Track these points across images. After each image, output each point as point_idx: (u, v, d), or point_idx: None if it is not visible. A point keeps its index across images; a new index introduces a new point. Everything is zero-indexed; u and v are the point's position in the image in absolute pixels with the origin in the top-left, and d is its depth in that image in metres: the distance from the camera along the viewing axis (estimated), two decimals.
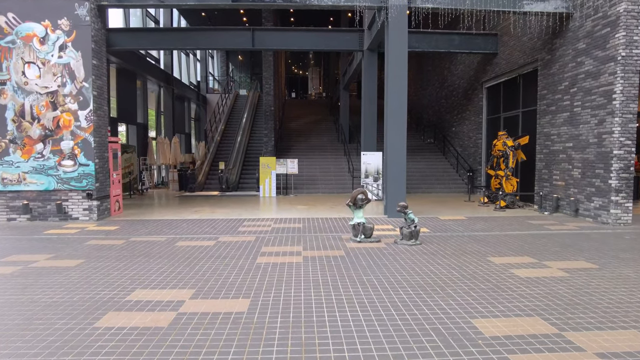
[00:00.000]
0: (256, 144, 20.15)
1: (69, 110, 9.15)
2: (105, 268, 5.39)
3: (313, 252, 6.25)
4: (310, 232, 7.89)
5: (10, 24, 9.09)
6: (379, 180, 13.06)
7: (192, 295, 4.30)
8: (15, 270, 5.33)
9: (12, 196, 9.24)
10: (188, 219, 9.47)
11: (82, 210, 9.27)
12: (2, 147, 9.15)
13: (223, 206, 11.86)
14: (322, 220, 9.20)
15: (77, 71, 9.13)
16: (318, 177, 16.61)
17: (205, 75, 29.91)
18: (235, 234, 7.75)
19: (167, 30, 13.90)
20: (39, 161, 9.18)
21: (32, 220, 9.27)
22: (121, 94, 16.29)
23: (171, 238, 7.37)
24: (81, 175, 9.19)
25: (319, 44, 13.18)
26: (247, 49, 13.02)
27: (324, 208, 11.33)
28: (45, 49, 9.12)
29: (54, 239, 7.32)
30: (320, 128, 22.92)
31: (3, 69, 9.12)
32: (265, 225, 8.67)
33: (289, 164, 14.85)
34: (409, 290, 4.44)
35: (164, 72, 20.40)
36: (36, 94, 9.14)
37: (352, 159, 16.83)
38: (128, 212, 10.78)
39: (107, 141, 9.99)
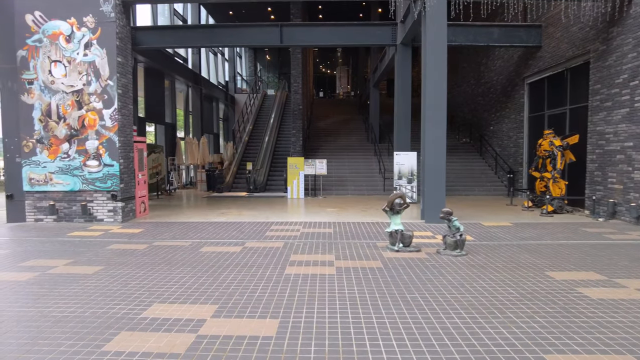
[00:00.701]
0: (284, 144, 19.76)
1: (94, 109, 8.94)
2: (123, 277, 5.00)
3: (347, 262, 5.68)
4: (342, 238, 7.33)
5: (37, 22, 8.96)
6: (413, 182, 12.36)
7: (214, 313, 3.83)
8: (32, 277, 5.02)
9: (40, 196, 9.11)
10: (214, 222, 9.09)
11: (107, 211, 9.04)
12: (29, 147, 9.04)
13: (250, 208, 11.46)
14: (354, 225, 8.62)
15: (102, 69, 8.91)
16: (347, 178, 16.03)
17: (234, 75, 29.82)
18: (262, 239, 7.28)
19: (193, 27, 13.65)
20: (65, 161, 9.01)
21: (59, 221, 9.11)
22: (149, 93, 16.21)
23: (196, 243, 6.97)
24: (106, 175, 8.96)
25: (349, 39, 12.59)
26: (275, 46, 12.61)
27: (354, 211, 10.74)
28: (71, 47, 8.94)
29: (76, 242, 7.06)
30: (349, 127, 22.31)
31: (30, 68, 9.00)
32: (293, 229, 8.17)
33: (317, 165, 14.34)
34: (462, 313, 3.82)
35: (192, 72, 20.30)
36: (62, 92, 8.97)
37: (383, 159, 16.16)
38: (154, 213, 10.53)
39: (133, 141, 9.75)
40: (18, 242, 7.19)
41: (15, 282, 4.82)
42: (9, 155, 9.19)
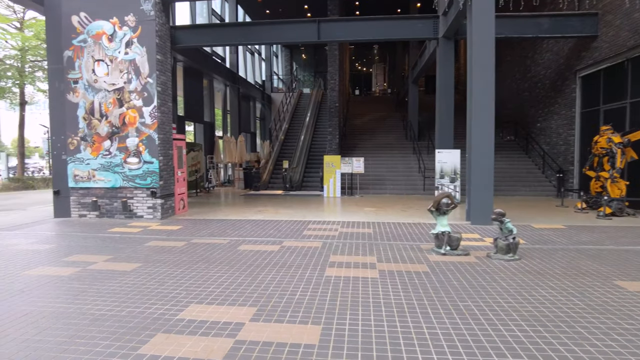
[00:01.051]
0: (319, 142, 19.56)
1: (134, 107, 9.05)
2: (161, 275, 4.92)
3: (390, 264, 5.37)
4: (382, 239, 7.00)
5: (82, 23, 9.17)
6: (456, 181, 11.81)
7: (253, 316, 3.63)
8: (73, 272, 5.03)
9: (83, 193, 9.33)
10: (252, 220, 8.99)
11: (147, 208, 9.13)
12: (74, 144, 9.27)
13: (287, 206, 11.32)
14: (395, 226, 8.26)
15: (142, 67, 8.99)
16: (385, 177, 15.61)
17: (270, 74, 29.96)
18: (300, 238, 7.07)
19: (230, 25, 13.68)
20: (107, 158, 9.17)
21: (101, 217, 9.30)
22: (188, 92, 16.44)
23: (234, 241, 6.85)
24: (145, 172, 9.05)
25: (388, 34, 12.18)
26: (312, 42, 12.37)
27: (394, 211, 10.36)
28: (113, 46, 9.08)
29: (116, 238, 7.11)
30: (386, 125, 21.83)
31: (76, 68, 9.22)
32: (331, 229, 7.92)
33: (354, 163, 14.03)
34: (523, 325, 3.43)
35: (230, 71, 20.47)
36: (104, 91, 9.14)
37: (423, 157, 15.63)
38: (193, 210, 10.58)
39: (172, 138, 9.81)
40: (63, 237, 7.34)
41: (58, 277, 4.83)
42: (55, 152, 9.47)
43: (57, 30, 9.35)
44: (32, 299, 4.12)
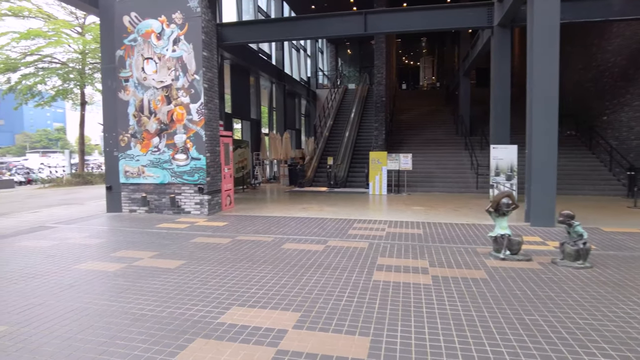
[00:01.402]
0: (365, 138, 19.16)
1: (182, 104, 9.14)
2: (204, 273, 4.82)
3: (443, 269, 4.96)
4: (434, 241, 6.57)
5: (133, 22, 9.38)
6: (513, 178, 11.04)
7: (296, 323, 3.40)
8: (119, 268, 5.06)
9: (133, 188, 9.58)
10: (296, 217, 8.83)
11: (194, 204, 9.21)
12: (125, 141, 9.52)
13: (331, 204, 11.07)
14: (447, 227, 7.78)
15: (189, 64, 9.06)
16: (434, 173, 14.97)
17: (315, 70, 29.82)
18: (345, 237, 6.79)
19: (275, 21, 13.59)
20: (156, 155, 9.34)
21: (150, 213, 9.50)
22: (235, 90, 16.60)
23: (278, 239, 6.70)
24: (193, 169, 9.13)
25: (438, 23, 11.56)
26: (358, 35, 12.01)
27: (445, 210, 9.83)
28: (161, 44, 9.22)
29: (163, 234, 7.18)
30: (435, 120, 21.00)
31: (126, 67, 9.45)
32: (378, 228, 7.57)
33: (401, 159, 13.53)
34: (607, 349, 2.95)
35: (276, 68, 20.50)
36: (153, 88, 9.30)
37: (476, 153, 14.82)
38: (239, 207, 10.60)
39: (219, 135, 9.84)
40: (113, 231, 7.52)
41: (105, 273, 4.86)
42: (108, 149, 9.78)
43: (110, 31, 9.63)
44: (79, 295, 4.14)
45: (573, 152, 15.14)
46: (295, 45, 25.37)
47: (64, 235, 7.20)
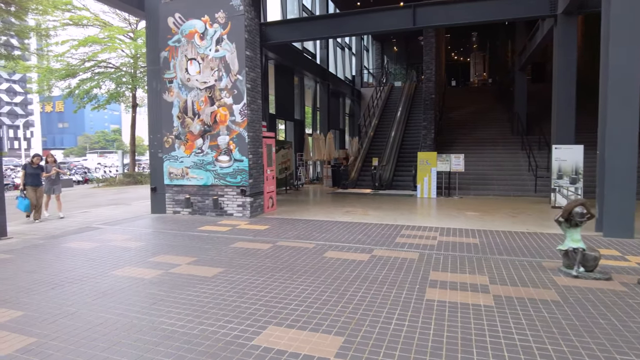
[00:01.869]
0: (411, 138, 18.41)
1: (225, 105, 9.00)
2: (242, 284, 4.52)
3: (506, 287, 4.36)
4: (492, 252, 5.93)
5: (177, 23, 9.36)
6: (578, 182, 10.02)
7: (339, 350, 2.99)
8: (155, 275, 4.88)
9: (177, 190, 9.57)
10: (339, 221, 8.42)
11: (236, 206, 9.05)
12: (169, 142, 9.54)
13: (376, 207, 10.56)
14: (505, 235, 7.06)
15: (232, 64, 8.89)
16: (488, 175, 14.03)
17: (360, 69, 29.27)
18: (392, 246, 6.29)
19: (320, 18, 13.28)
20: (199, 156, 9.27)
21: (193, 214, 9.45)
22: (279, 90, 16.45)
23: (320, 245, 6.32)
24: (236, 171, 8.96)
25: (494, 14, 10.71)
26: (407, 29, 11.40)
27: (501, 217, 9.04)
28: (204, 44, 9.12)
29: (204, 237, 7.01)
30: (488, 118, 19.83)
31: (171, 68, 9.46)
32: (428, 236, 7.00)
33: (453, 160, 12.75)
34: None
35: (320, 67, 20.21)
36: (196, 89, 9.24)
37: (534, 154, 13.73)
38: (281, 209, 10.35)
39: (262, 136, 9.63)
40: (155, 234, 7.46)
41: (140, 280, 4.69)
42: (153, 150, 9.85)
43: (155, 33, 9.69)
44: (111, 304, 3.96)
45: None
46: (339, 43, 24.98)
47: (107, 237, 7.22)
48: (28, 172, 9.01)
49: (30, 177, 9.01)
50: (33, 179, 9.02)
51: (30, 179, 8.99)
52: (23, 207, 8.82)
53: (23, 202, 8.80)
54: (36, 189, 9.03)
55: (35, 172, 9.07)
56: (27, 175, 8.99)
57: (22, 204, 8.80)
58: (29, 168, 9.06)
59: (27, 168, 9.07)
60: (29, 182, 8.96)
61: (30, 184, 8.96)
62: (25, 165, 9.24)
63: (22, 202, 8.80)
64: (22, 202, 8.80)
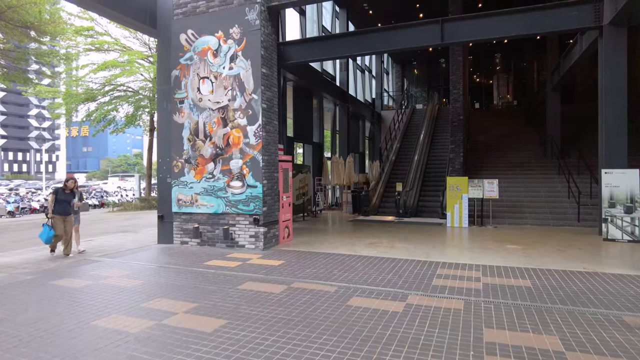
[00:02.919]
0: (436, 162, 17.42)
1: (238, 126, 8.29)
2: (247, 344, 3.61)
3: (590, 357, 3.32)
4: (552, 299, 4.86)
5: (189, 40, 8.81)
6: (635, 211, 8.85)
7: None
8: (144, 328, 4.01)
9: (186, 218, 8.81)
10: (363, 256, 7.46)
11: (249, 237, 8.20)
12: (178, 167, 8.84)
13: (403, 238, 9.56)
14: (560, 276, 5.97)
15: (247, 82, 8.22)
16: (523, 203, 12.87)
17: (380, 91, 28.67)
18: (430, 291, 5.30)
19: (340, 36, 12.64)
20: (210, 182, 8.52)
21: (202, 245, 8.64)
22: (298, 113, 15.82)
23: (343, 288, 5.38)
24: (249, 197, 8.15)
25: (528, 27, 9.85)
26: (434, 45, 10.63)
27: (547, 251, 7.92)
28: (217, 62, 8.51)
29: (209, 275, 6.14)
30: (518, 141, 18.70)
31: (182, 87, 8.86)
32: (471, 277, 5.97)
33: (486, 186, 11.69)
34: None
35: (340, 89, 19.59)
36: (209, 110, 8.58)
37: (574, 179, 12.56)
38: (298, 239, 9.45)
39: (277, 160, 8.85)
40: (156, 270, 6.63)
41: (124, 336, 3.83)
42: (161, 175, 9.17)
43: (167, 51, 9.17)
44: None
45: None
46: (359, 65, 24.47)
47: (103, 273, 6.43)
48: (59, 198, 7.77)
49: (60, 204, 7.77)
50: (63, 207, 7.80)
51: (60, 207, 7.76)
52: (45, 238, 7.57)
53: (47, 233, 7.55)
54: (65, 218, 7.78)
55: (66, 199, 7.85)
56: (56, 201, 7.75)
57: (44, 234, 7.55)
58: (60, 193, 7.82)
59: (58, 193, 7.82)
60: (58, 210, 7.73)
61: (60, 212, 7.73)
62: (56, 190, 7.92)
63: (47, 232, 7.55)
64: (45, 232, 7.55)
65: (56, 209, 7.74)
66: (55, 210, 7.73)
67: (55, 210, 7.73)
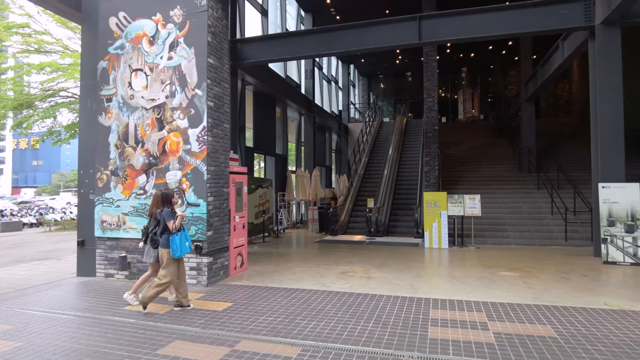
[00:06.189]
0: (407, 176, 16.36)
1: (178, 129, 6.65)
2: None
3: None
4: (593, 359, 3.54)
5: (121, 25, 7.15)
6: (637, 230, 7.86)
7: None
8: None
9: (111, 245, 7.00)
10: (335, 292, 5.95)
11: (188, 269, 6.49)
12: (103, 180, 7.06)
13: (380, 264, 8.14)
14: (587, 318, 4.69)
15: (189, 75, 6.64)
16: (505, 220, 11.83)
17: (347, 103, 27.65)
18: (428, 350, 3.84)
19: (308, 33, 11.32)
20: (141, 199, 6.80)
21: (131, 279, 6.84)
22: (259, 121, 14.28)
23: (309, 350, 3.85)
24: (189, 219, 6.48)
25: (516, 26, 8.89)
26: (411, 45, 9.48)
27: (550, 279, 6.72)
28: (154, 51, 6.89)
29: (125, 330, 4.43)
30: (490, 154, 17.94)
31: (110, 82, 7.15)
32: (475, 323, 4.58)
33: (467, 202, 10.52)
34: None
35: (305, 98, 18.24)
36: (141, 109, 6.90)
37: (556, 194, 11.65)
38: (254, 268, 7.83)
39: (228, 172, 7.26)
40: (53, 322, 4.83)
41: None
42: (83, 190, 7.36)
43: (93, 39, 7.45)
44: None
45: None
46: (326, 75, 23.31)
47: None
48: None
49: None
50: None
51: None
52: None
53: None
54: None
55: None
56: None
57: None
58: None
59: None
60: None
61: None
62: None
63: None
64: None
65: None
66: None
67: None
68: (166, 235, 5.05)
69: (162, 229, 5.09)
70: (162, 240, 5.09)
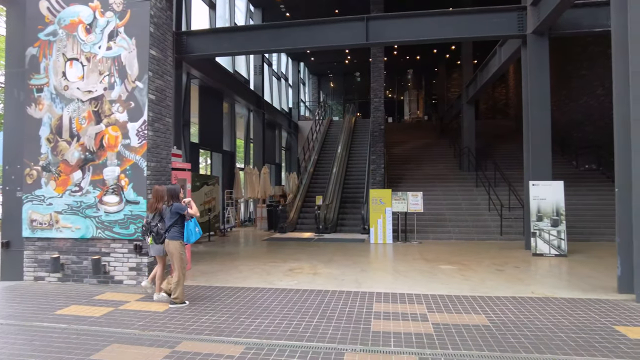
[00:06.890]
0: (355, 174, 16.67)
1: (116, 123, 6.33)
2: None
3: None
4: (522, 345, 3.80)
5: (52, 9, 6.67)
6: (560, 224, 8.54)
7: None
8: None
9: (42, 245, 6.52)
10: (281, 290, 5.95)
11: (128, 270, 6.22)
12: (33, 176, 6.56)
13: (327, 260, 8.25)
14: (516, 306, 5.04)
15: (129, 66, 6.33)
16: (446, 216, 12.39)
17: (297, 101, 27.66)
18: (371, 342, 3.94)
19: (256, 28, 11.15)
20: (76, 196, 6.39)
21: (64, 281, 6.42)
22: (205, 116, 13.91)
23: (253, 348, 3.81)
24: (128, 217, 6.20)
25: (454, 32, 9.39)
26: (359, 45, 9.69)
27: (485, 271, 7.15)
28: (91, 40, 6.50)
29: (55, 337, 4.15)
30: (432, 153, 18.74)
31: (41, 71, 6.64)
32: (415, 314, 4.77)
33: (410, 199, 10.92)
34: None
35: (254, 94, 18.02)
36: (77, 101, 6.48)
37: (494, 191, 12.38)
38: (198, 268, 7.64)
39: (171, 168, 7.01)
40: None
41: None
42: (8, 187, 6.78)
43: (20, 22, 6.89)
44: None
45: (601, 190, 12.83)
46: (276, 72, 23.16)
47: None
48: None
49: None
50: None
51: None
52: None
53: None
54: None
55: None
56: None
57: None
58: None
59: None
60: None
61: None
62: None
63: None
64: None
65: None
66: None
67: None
68: (177, 228, 5.14)
69: (172, 222, 5.12)
70: (171, 234, 5.14)
